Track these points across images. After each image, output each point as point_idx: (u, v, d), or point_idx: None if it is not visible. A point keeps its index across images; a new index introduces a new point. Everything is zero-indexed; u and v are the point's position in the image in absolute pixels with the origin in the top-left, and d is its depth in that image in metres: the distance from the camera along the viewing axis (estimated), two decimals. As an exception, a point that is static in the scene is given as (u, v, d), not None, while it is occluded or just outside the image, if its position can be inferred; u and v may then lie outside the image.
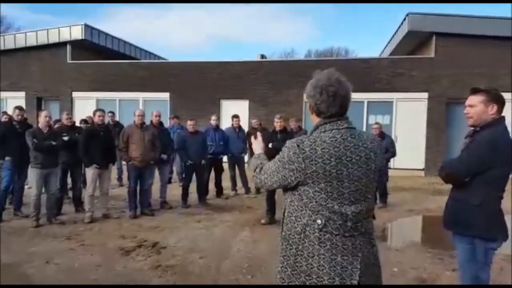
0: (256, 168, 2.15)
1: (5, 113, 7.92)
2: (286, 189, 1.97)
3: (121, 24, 65.25)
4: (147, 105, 14.15)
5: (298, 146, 1.86)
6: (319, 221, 1.83)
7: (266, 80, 13.98)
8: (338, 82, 1.91)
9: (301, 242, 1.86)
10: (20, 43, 15.87)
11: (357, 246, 1.85)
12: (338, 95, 1.90)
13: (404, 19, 13.44)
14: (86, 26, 15.39)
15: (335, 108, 1.90)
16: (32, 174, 6.36)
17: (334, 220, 1.82)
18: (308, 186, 1.85)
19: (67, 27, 15.47)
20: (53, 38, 15.55)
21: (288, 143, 1.93)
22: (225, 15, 76.79)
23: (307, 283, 1.84)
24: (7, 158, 6.67)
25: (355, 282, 1.80)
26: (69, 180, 7.47)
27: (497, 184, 2.68)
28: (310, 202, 1.86)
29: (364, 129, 12.85)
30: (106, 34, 16.61)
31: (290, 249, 1.90)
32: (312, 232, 1.84)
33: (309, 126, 2.04)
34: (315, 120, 1.98)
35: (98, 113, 6.95)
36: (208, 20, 76.47)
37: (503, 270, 4.42)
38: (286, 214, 1.96)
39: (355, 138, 1.88)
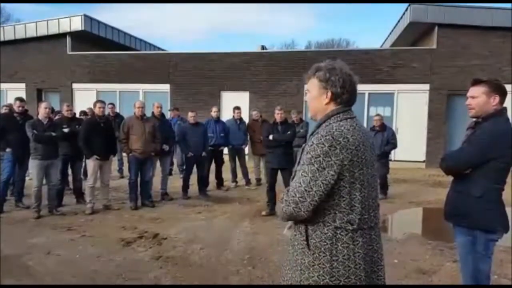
0: (282, 198, 1.86)
1: (8, 105, 7.91)
2: None
3: (120, 14, 64.75)
4: (147, 96, 14.09)
5: (333, 138, 1.77)
6: (352, 221, 1.80)
7: (267, 71, 13.91)
8: (353, 74, 1.96)
9: (334, 246, 1.80)
10: (20, 34, 15.76)
11: (378, 234, 1.93)
12: (356, 83, 1.95)
13: (406, 10, 13.33)
14: (86, 17, 15.29)
15: (355, 97, 1.95)
16: (33, 166, 6.37)
17: (363, 214, 1.83)
18: (344, 180, 1.79)
19: (67, 18, 15.36)
20: (53, 29, 15.45)
21: (316, 140, 1.80)
22: (225, 6, 76.30)
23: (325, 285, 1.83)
24: (7, 150, 6.67)
25: (381, 268, 1.90)
26: (69, 171, 7.47)
27: (498, 176, 2.68)
28: (344, 201, 1.80)
29: (365, 121, 12.83)
30: (106, 25, 16.50)
31: (324, 256, 1.81)
32: (345, 233, 1.80)
33: (313, 114, 2.00)
34: (328, 109, 1.93)
35: (98, 105, 6.93)
36: (208, 10, 75.97)
37: (503, 262, 4.43)
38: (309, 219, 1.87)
39: (363, 127, 1.94)
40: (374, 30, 62.41)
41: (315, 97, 1.95)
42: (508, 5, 12.88)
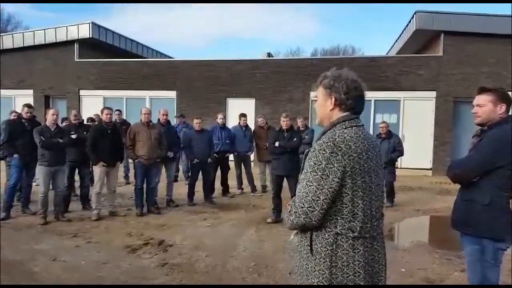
0: (290, 211, 1.88)
1: (15, 112, 8.00)
2: None
3: (125, 20, 65.40)
4: (154, 103, 14.18)
5: (334, 144, 1.78)
6: (354, 228, 1.80)
7: (272, 78, 13.95)
8: (361, 81, 1.96)
9: (334, 252, 1.80)
10: (28, 42, 15.97)
11: (380, 244, 1.91)
12: (364, 91, 1.95)
13: (412, 17, 13.34)
14: (94, 24, 15.46)
15: (362, 105, 1.95)
16: (40, 172, 6.41)
17: (365, 222, 1.82)
18: (346, 187, 1.78)
19: (75, 26, 15.54)
20: (61, 37, 15.64)
21: (317, 146, 1.81)
22: (230, 12, 76.84)
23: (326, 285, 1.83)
24: (15, 156, 6.72)
25: (381, 279, 1.89)
26: (76, 177, 7.51)
27: (506, 183, 2.65)
28: (346, 207, 1.80)
29: (371, 128, 12.80)
30: (113, 33, 16.68)
31: (324, 262, 1.82)
32: (345, 240, 1.80)
33: (315, 125, 2.03)
34: (334, 116, 1.93)
35: (105, 111, 6.98)
36: (213, 17, 76.51)
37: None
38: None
39: (369, 135, 1.94)
40: (380, 37, 62.48)
41: (321, 104, 1.98)
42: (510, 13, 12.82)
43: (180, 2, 67.35)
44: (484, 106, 2.73)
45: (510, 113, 2.76)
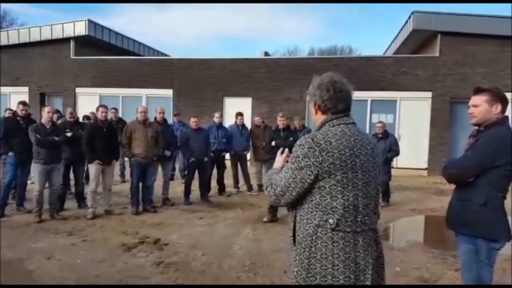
0: (267, 186, 2.05)
1: (9, 109, 7.95)
2: None
3: (123, 20, 65.22)
4: (150, 101, 14.17)
5: (312, 140, 1.87)
6: (331, 221, 1.84)
7: (269, 77, 13.95)
8: (341, 80, 2.00)
9: (314, 244, 1.86)
10: (24, 39, 15.88)
11: (367, 241, 1.91)
12: (344, 91, 1.98)
13: (409, 18, 13.37)
14: (90, 22, 15.38)
15: (342, 104, 1.97)
16: (35, 170, 6.38)
17: (346, 217, 1.84)
18: (324, 181, 1.85)
19: (71, 23, 15.47)
20: (57, 34, 15.56)
21: (299, 141, 1.92)
22: (228, 12, 76.72)
23: (323, 285, 1.84)
24: (10, 153, 6.69)
25: (368, 277, 1.87)
26: (71, 175, 7.48)
27: (501, 184, 2.67)
28: (324, 200, 1.86)
29: (368, 128, 12.83)
30: (110, 30, 16.62)
31: (303, 252, 1.89)
32: (325, 232, 1.85)
33: (312, 126, 2.06)
34: (319, 119, 2.03)
35: (101, 109, 6.96)
36: (211, 16, 76.37)
37: (505, 271, 4.40)
38: (297, 218, 1.95)
39: (361, 133, 1.97)
40: (377, 37, 62.51)
41: (312, 110, 2.08)
42: (509, 14, 12.89)
43: (180, 2, 67.24)
44: (479, 106, 2.74)
45: (506, 114, 2.77)
